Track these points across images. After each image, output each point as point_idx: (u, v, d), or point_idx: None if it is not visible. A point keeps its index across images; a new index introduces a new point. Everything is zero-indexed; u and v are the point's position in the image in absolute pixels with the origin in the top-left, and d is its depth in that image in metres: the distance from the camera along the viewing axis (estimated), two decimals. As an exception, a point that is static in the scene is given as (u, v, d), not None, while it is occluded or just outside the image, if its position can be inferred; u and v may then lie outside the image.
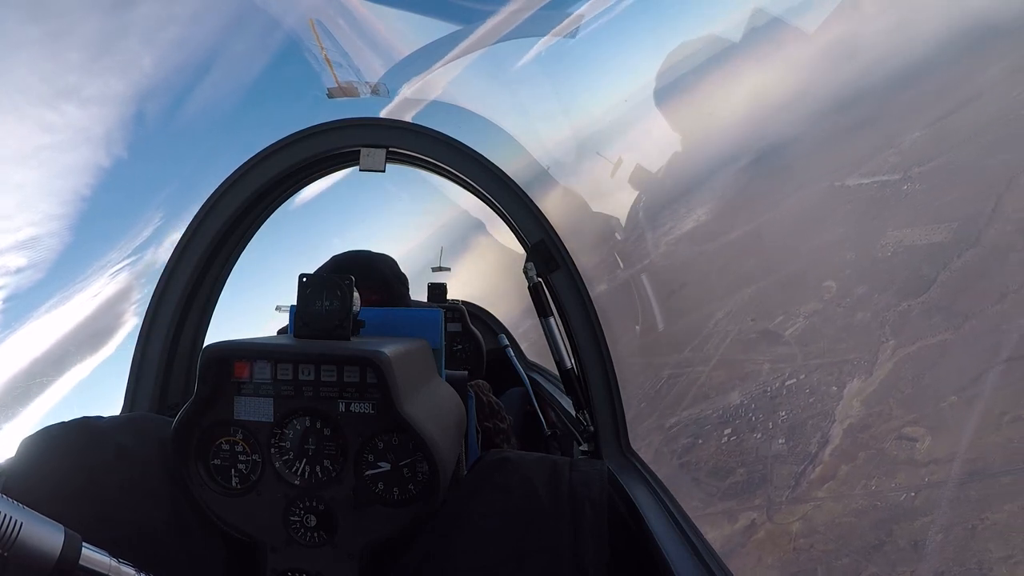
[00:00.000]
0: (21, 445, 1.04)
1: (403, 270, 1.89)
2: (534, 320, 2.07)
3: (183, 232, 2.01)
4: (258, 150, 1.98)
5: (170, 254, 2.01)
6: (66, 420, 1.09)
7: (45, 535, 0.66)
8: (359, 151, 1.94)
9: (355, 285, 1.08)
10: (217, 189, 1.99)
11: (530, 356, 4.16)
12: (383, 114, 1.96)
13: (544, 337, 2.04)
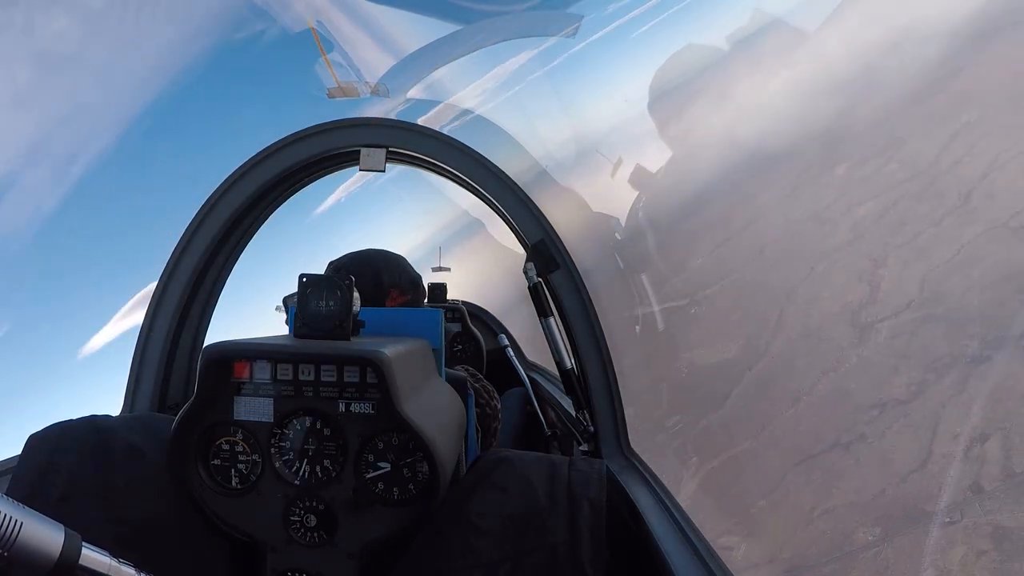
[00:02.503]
0: (28, 442, 1.04)
1: None
2: (527, 314, 2.07)
3: (183, 232, 2.01)
4: (258, 150, 1.98)
5: (170, 254, 2.02)
6: (73, 418, 1.09)
7: (45, 535, 0.66)
8: (359, 151, 1.94)
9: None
10: (217, 189, 1.99)
11: (524, 344, 4.17)
12: (383, 114, 1.95)
13: (537, 326, 2.03)
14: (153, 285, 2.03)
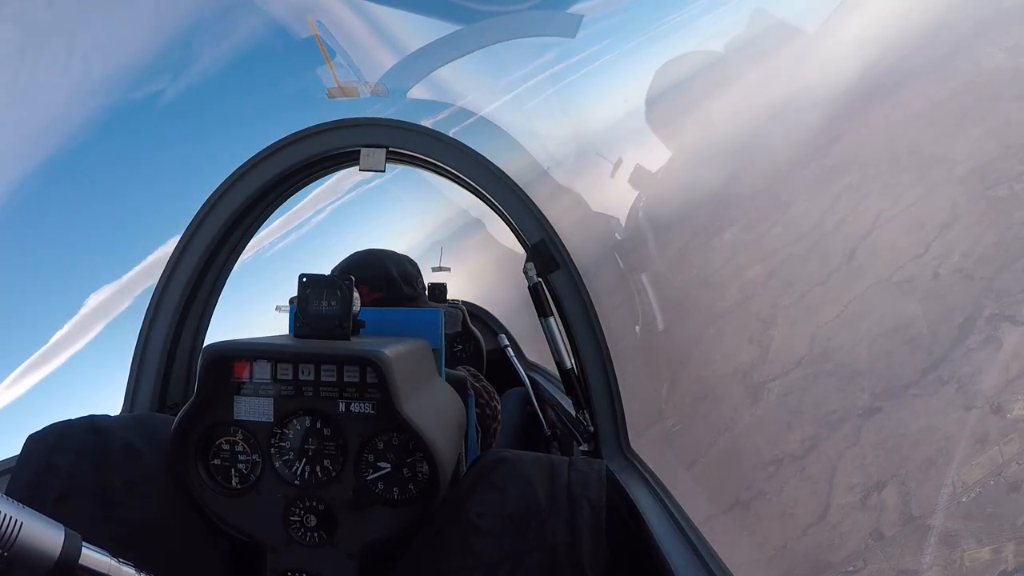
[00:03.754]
0: (27, 442, 1.04)
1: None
2: (526, 314, 2.07)
3: (183, 232, 2.01)
4: (258, 150, 1.98)
5: (170, 254, 2.01)
6: (72, 418, 1.09)
7: (45, 535, 0.66)
8: (359, 151, 1.94)
9: (358, 282, 1.08)
10: (217, 189, 1.99)
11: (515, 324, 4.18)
12: (384, 114, 1.95)
13: (537, 326, 2.03)
14: (153, 285, 2.03)
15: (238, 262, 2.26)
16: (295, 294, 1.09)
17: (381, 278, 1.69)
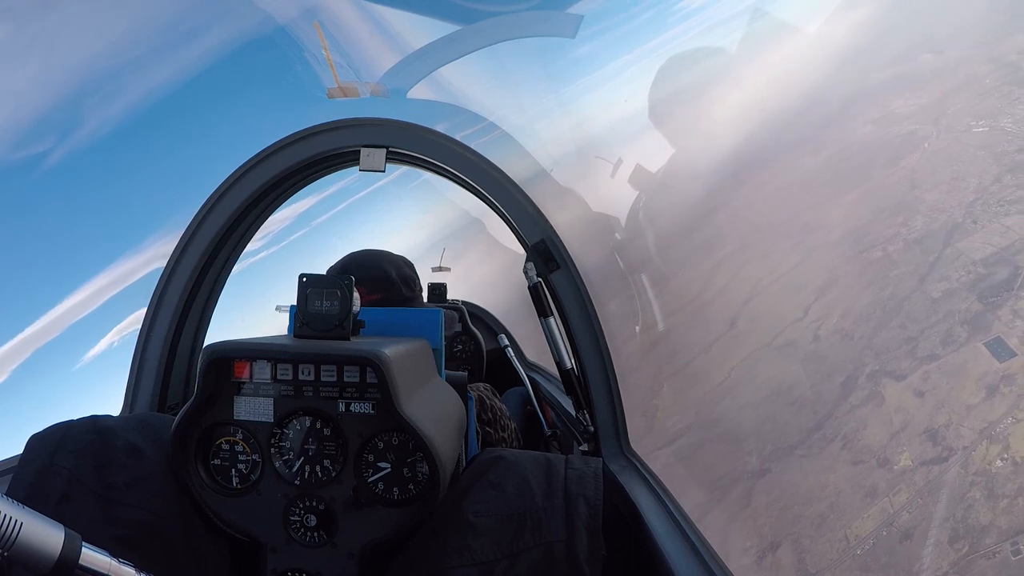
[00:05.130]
0: (29, 442, 1.04)
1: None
2: (526, 314, 2.07)
3: (183, 232, 2.01)
4: (258, 150, 1.98)
5: (170, 254, 2.01)
6: (73, 419, 1.09)
7: (45, 535, 0.66)
8: (359, 151, 1.94)
9: (355, 283, 1.08)
10: (217, 189, 1.99)
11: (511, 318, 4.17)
12: (384, 114, 1.95)
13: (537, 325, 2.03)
14: (154, 285, 2.03)
15: (238, 263, 2.27)
16: (295, 295, 1.09)
17: (380, 280, 1.68)
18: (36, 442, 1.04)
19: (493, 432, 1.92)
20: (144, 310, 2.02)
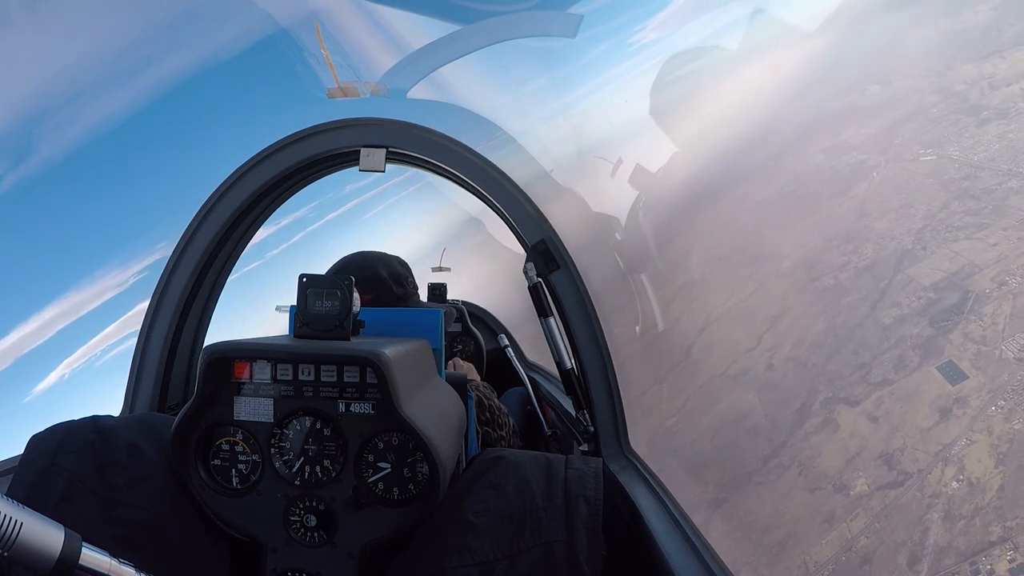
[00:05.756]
0: (30, 443, 1.04)
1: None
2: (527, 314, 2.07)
3: (183, 232, 2.01)
4: (258, 150, 1.98)
5: (170, 254, 2.01)
6: (74, 419, 1.09)
7: (45, 535, 0.66)
8: (359, 151, 1.94)
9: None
10: (217, 189, 1.99)
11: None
12: (384, 114, 1.95)
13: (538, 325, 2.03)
14: (153, 285, 2.03)
15: (237, 264, 2.27)
16: (295, 295, 1.09)
17: (370, 279, 1.70)
18: (37, 442, 1.04)
19: (492, 431, 1.92)
20: (144, 310, 2.02)
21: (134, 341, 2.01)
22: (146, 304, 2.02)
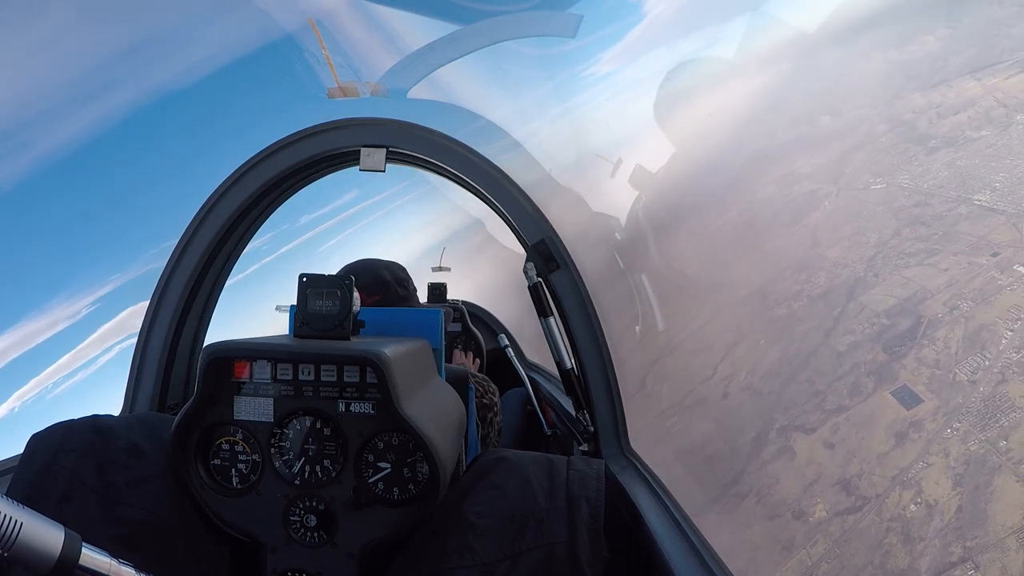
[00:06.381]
0: (30, 442, 1.04)
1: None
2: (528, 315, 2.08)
3: (183, 232, 2.01)
4: (258, 150, 1.98)
5: (170, 254, 2.01)
6: (74, 419, 1.09)
7: (45, 535, 0.66)
8: (359, 151, 1.94)
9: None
10: (217, 189, 1.99)
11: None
12: (384, 114, 1.95)
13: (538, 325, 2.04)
14: (153, 285, 2.03)
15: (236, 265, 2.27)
16: (295, 296, 1.09)
17: (376, 282, 1.81)
18: (37, 442, 1.04)
19: (483, 394, 1.98)
20: (144, 310, 2.02)
21: (132, 342, 2.02)
22: (146, 304, 2.02)
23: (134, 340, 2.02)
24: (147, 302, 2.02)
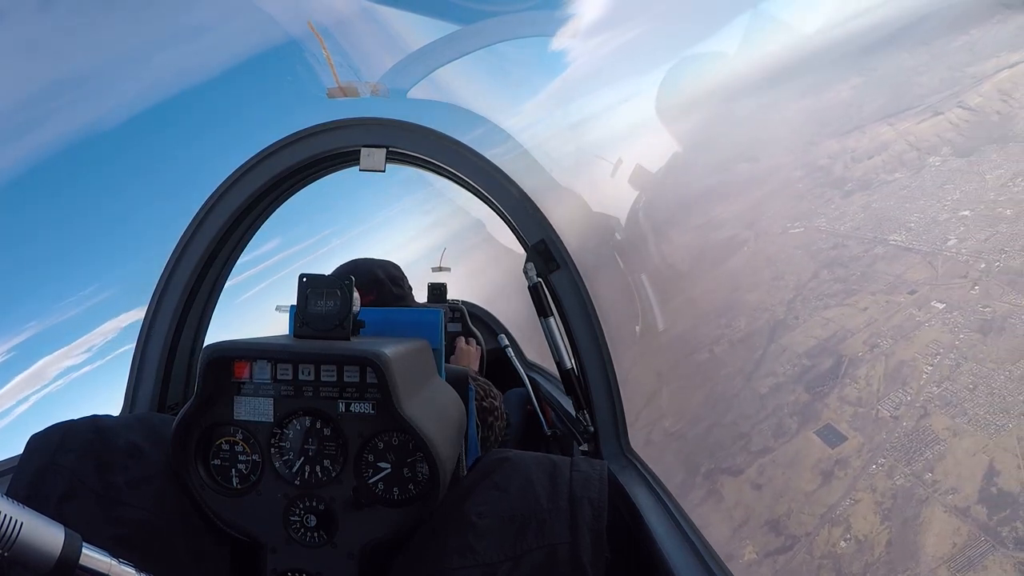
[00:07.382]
0: (30, 442, 1.04)
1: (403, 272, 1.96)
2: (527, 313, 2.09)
3: (183, 232, 2.01)
4: (258, 150, 1.98)
5: (170, 254, 2.02)
6: (74, 419, 1.09)
7: (45, 535, 0.66)
8: (359, 151, 1.94)
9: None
10: (217, 189, 1.99)
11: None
12: (384, 114, 1.95)
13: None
14: (153, 285, 2.03)
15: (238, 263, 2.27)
16: (295, 296, 1.09)
17: (371, 282, 1.81)
18: (37, 441, 1.04)
19: (483, 397, 1.94)
20: (144, 310, 2.02)
21: (132, 342, 2.02)
22: (146, 304, 2.02)
23: (134, 340, 2.02)
24: (147, 302, 2.03)
